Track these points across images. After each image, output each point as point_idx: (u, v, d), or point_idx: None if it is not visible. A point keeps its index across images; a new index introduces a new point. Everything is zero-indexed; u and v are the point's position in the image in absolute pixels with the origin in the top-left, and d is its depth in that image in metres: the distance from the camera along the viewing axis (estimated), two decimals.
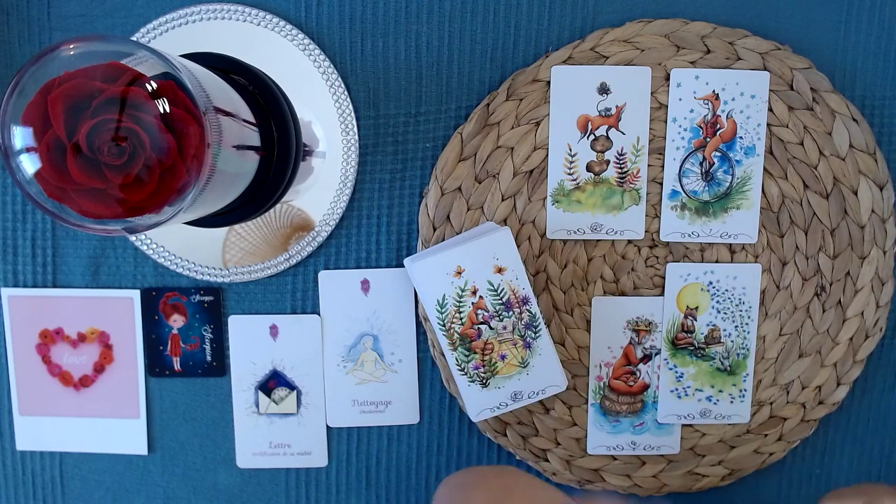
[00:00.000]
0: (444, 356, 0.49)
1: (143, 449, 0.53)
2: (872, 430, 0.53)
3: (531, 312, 0.47)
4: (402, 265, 0.50)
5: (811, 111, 0.48)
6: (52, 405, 0.52)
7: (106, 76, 0.30)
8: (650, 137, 0.49)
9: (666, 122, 0.48)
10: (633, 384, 0.51)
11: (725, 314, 0.50)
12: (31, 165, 0.31)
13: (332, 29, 0.48)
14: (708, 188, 0.49)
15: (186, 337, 0.51)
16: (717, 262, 0.50)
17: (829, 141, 0.48)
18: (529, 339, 0.48)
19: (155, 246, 0.49)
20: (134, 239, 0.50)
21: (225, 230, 0.49)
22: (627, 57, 0.48)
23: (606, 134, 0.48)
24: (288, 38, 0.47)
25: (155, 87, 0.31)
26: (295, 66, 0.47)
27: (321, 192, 0.49)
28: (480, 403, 0.49)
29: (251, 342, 0.51)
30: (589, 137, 0.48)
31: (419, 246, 0.50)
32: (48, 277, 0.51)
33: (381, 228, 0.50)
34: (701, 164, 0.49)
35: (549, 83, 0.48)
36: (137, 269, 0.51)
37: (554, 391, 0.48)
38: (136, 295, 0.51)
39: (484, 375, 0.48)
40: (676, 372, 0.51)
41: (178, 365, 0.52)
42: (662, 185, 0.49)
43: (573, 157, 0.48)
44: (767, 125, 0.48)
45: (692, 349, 0.51)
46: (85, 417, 0.52)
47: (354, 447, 0.53)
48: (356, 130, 0.49)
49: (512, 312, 0.47)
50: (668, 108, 0.48)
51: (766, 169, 0.49)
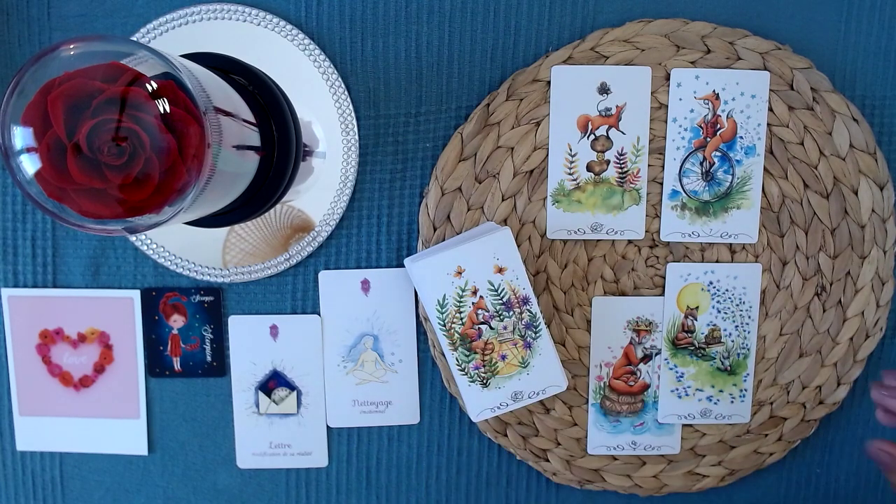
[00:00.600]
0: (444, 356, 0.49)
1: (143, 449, 0.53)
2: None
3: (531, 312, 0.47)
4: (402, 265, 0.50)
5: (811, 111, 0.48)
6: (52, 405, 0.52)
7: (106, 76, 0.30)
8: (650, 137, 0.49)
9: (666, 121, 0.48)
10: (633, 384, 0.51)
11: (726, 314, 0.50)
12: (31, 165, 0.31)
13: (332, 29, 0.48)
14: (708, 188, 0.49)
15: (186, 337, 0.51)
16: (717, 261, 0.50)
17: (829, 141, 0.48)
18: (530, 339, 0.48)
19: (155, 246, 0.49)
20: (134, 239, 0.50)
21: (225, 231, 0.49)
22: (627, 57, 0.48)
23: (606, 134, 0.48)
24: (288, 38, 0.47)
25: (155, 87, 0.31)
26: (295, 66, 0.47)
27: (321, 192, 0.49)
28: (481, 403, 0.49)
29: (251, 342, 0.51)
30: (589, 137, 0.48)
31: (419, 246, 0.50)
32: (48, 277, 0.51)
33: (381, 228, 0.50)
34: (701, 163, 0.49)
35: (549, 83, 0.48)
36: (137, 269, 0.51)
37: (554, 391, 0.48)
38: (136, 295, 0.51)
39: (484, 375, 0.48)
40: (677, 372, 0.51)
41: (178, 365, 0.52)
42: (662, 185, 0.49)
43: (573, 157, 0.48)
44: (767, 125, 0.48)
45: (692, 349, 0.51)
46: (85, 418, 0.52)
47: (354, 447, 0.53)
48: (356, 130, 0.49)
49: (512, 312, 0.47)
50: (668, 107, 0.48)
51: (766, 169, 0.49)
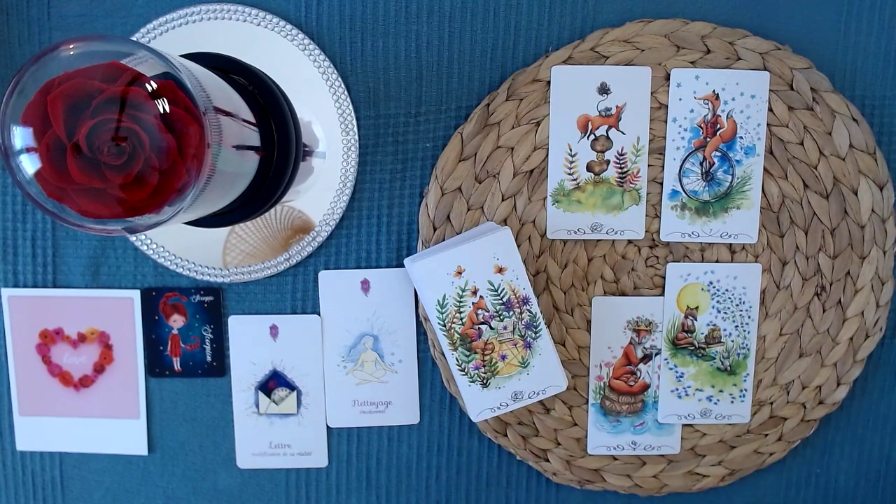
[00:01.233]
0: (444, 356, 0.49)
1: (143, 449, 0.53)
2: (872, 430, 0.53)
3: (531, 312, 0.47)
4: (402, 265, 0.50)
5: (811, 111, 0.48)
6: (51, 405, 0.52)
7: (106, 76, 0.30)
8: (650, 137, 0.49)
9: (666, 122, 0.48)
10: (633, 384, 0.51)
11: (726, 314, 0.50)
12: (31, 165, 0.31)
13: (332, 29, 0.48)
14: (708, 188, 0.49)
15: (186, 337, 0.51)
16: (717, 261, 0.50)
17: (829, 141, 0.48)
18: (530, 339, 0.48)
19: (155, 246, 0.49)
20: (134, 239, 0.50)
21: (225, 231, 0.49)
22: (627, 57, 0.48)
23: (606, 134, 0.48)
24: (288, 38, 0.47)
25: (155, 87, 0.31)
26: (295, 66, 0.47)
27: (321, 192, 0.49)
28: (481, 403, 0.49)
29: (251, 342, 0.51)
30: (589, 137, 0.48)
31: (419, 246, 0.50)
32: (48, 277, 0.51)
33: (381, 228, 0.50)
34: (701, 163, 0.49)
35: (549, 83, 0.48)
36: (137, 269, 0.51)
37: (554, 391, 0.48)
38: (136, 295, 0.51)
39: (484, 375, 0.48)
40: (677, 372, 0.51)
41: (178, 365, 0.52)
42: (662, 185, 0.49)
43: (573, 157, 0.48)
44: (767, 125, 0.48)
45: (692, 349, 0.51)
46: (85, 418, 0.52)
47: (354, 447, 0.53)
48: (356, 130, 0.49)
49: (512, 312, 0.47)
50: (668, 108, 0.48)
51: (766, 169, 0.49)
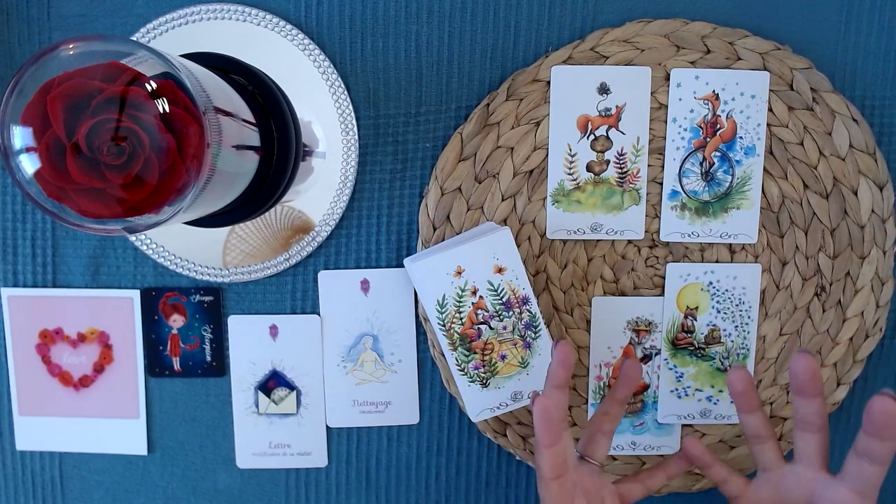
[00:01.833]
0: (444, 356, 0.49)
1: (142, 449, 0.53)
2: None
3: (531, 312, 0.47)
4: (402, 265, 0.50)
5: (811, 111, 0.48)
6: (51, 405, 0.52)
7: (105, 76, 0.30)
8: (650, 137, 0.49)
9: (666, 122, 0.48)
10: None
11: (725, 314, 0.50)
12: (30, 165, 0.31)
13: (332, 29, 0.48)
14: (708, 188, 0.49)
15: (186, 337, 0.51)
16: (717, 262, 0.50)
17: (829, 141, 0.48)
18: (529, 339, 0.48)
19: (155, 246, 0.49)
20: (134, 239, 0.50)
21: (225, 232, 0.49)
22: (627, 57, 0.48)
23: (606, 134, 0.48)
24: (288, 38, 0.47)
25: (155, 86, 0.31)
26: (295, 66, 0.47)
27: (321, 192, 0.49)
28: (480, 403, 0.49)
29: (251, 342, 0.51)
30: (589, 137, 0.48)
31: (419, 246, 0.50)
32: (48, 277, 0.51)
33: (381, 228, 0.50)
34: (701, 164, 0.49)
35: (549, 83, 0.48)
36: (137, 269, 0.51)
37: None
38: (135, 295, 0.51)
39: (484, 375, 0.48)
40: (676, 372, 0.51)
41: (177, 365, 0.52)
42: (662, 185, 0.49)
43: (573, 157, 0.48)
44: (767, 125, 0.48)
45: (692, 349, 0.51)
46: (85, 417, 0.52)
47: (354, 447, 0.53)
48: (356, 130, 0.49)
49: (512, 312, 0.47)
50: (668, 108, 0.48)
51: (766, 169, 0.49)
